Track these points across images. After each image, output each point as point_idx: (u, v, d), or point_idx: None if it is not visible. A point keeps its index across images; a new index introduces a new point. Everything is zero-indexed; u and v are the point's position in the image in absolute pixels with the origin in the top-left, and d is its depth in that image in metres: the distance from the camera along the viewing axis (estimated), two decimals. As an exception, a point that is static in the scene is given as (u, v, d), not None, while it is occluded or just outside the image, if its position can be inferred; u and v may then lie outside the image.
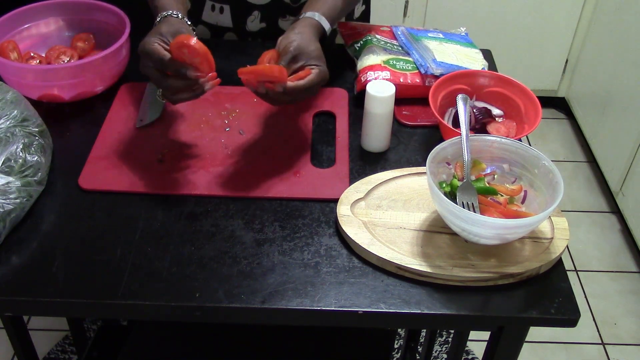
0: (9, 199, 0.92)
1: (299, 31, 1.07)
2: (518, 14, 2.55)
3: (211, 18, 1.34)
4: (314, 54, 1.05)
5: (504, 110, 1.14)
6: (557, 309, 0.86)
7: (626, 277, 2.20)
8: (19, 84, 1.10)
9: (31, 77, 1.11)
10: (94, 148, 1.08)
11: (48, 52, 1.22)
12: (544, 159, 0.92)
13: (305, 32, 1.07)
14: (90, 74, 1.13)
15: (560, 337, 2.00)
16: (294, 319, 0.89)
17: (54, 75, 1.11)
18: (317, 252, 0.93)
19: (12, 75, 1.11)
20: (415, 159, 1.09)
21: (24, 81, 1.11)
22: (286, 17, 1.33)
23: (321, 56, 1.06)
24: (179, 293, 0.87)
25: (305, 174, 1.04)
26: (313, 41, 1.07)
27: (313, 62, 1.04)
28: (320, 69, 1.04)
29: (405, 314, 0.86)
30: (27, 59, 1.19)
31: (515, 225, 0.87)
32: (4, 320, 1.20)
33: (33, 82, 1.11)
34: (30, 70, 1.12)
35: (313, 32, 1.09)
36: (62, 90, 1.12)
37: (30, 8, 1.22)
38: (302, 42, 1.05)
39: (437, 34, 1.29)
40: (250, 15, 1.32)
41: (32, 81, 1.11)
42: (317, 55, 1.05)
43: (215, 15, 1.34)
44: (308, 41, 1.06)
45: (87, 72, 1.12)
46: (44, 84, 1.11)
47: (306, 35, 1.07)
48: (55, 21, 1.24)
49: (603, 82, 2.48)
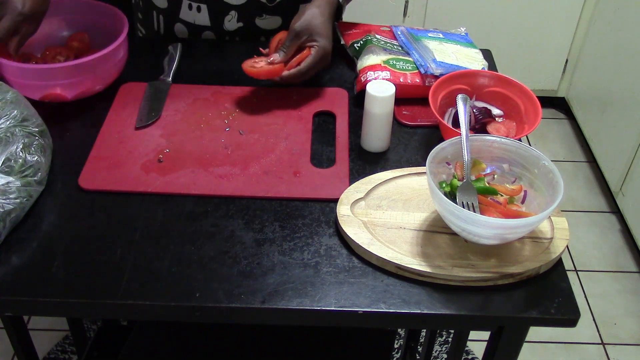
0: (9, 199, 0.92)
1: (310, 8, 1.16)
2: (518, 14, 2.55)
3: (189, 17, 1.34)
4: (317, 29, 1.13)
5: (504, 110, 1.14)
6: (557, 309, 0.86)
7: (626, 277, 2.20)
8: (20, 84, 1.09)
9: (33, 77, 1.10)
10: (94, 148, 1.08)
11: (44, 52, 1.22)
12: (544, 159, 0.92)
13: (315, 8, 1.15)
14: (92, 71, 1.12)
15: (560, 337, 2.00)
16: (294, 319, 0.89)
17: (57, 74, 1.10)
18: (317, 252, 0.93)
19: (13, 76, 1.10)
20: (415, 159, 1.09)
21: (25, 82, 1.10)
22: (263, 16, 1.33)
23: (323, 31, 1.14)
24: (179, 293, 0.87)
25: (305, 174, 1.04)
26: (318, 15, 1.14)
27: (314, 38, 1.13)
28: (318, 46, 1.13)
29: (405, 314, 0.86)
30: (23, 59, 1.18)
31: (515, 225, 0.87)
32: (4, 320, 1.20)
33: (35, 82, 1.10)
34: (32, 70, 1.11)
35: (324, 7, 1.16)
36: (64, 89, 1.12)
37: None
38: (307, 18, 1.13)
39: (437, 34, 1.29)
40: (228, 15, 1.33)
41: (34, 81, 1.10)
42: (319, 31, 1.13)
43: (192, 14, 1.34)
44: (313, 16, 1.13)
45: (89, 69, 1.12)
46: (47, 83, 1.10)
47: (314, 10, 1.14)
48: (48, 21, 1.22)
49: (603, 82, 2.48)
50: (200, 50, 1.32)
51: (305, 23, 1.14)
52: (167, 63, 1.25)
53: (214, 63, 1.29)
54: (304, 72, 1.15)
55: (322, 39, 1.15)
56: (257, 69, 1.15)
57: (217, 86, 1.21)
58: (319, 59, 1.15)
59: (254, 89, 1.21)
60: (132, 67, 1.22)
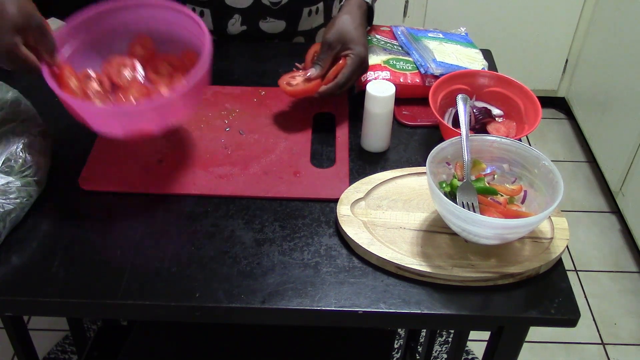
0: (9, 199, 0.92)
1: (340, 16, 1.12)
2: (518, 14, 2.55)
3: None
4: (349, 36, 1.10)
5: (504, 110, 1.14)
6: (557, 309, 0.86)
7: (626, 277, 2.20)
8: (100, 124, 0.95)
9: (117, 117, 0.94)
10: (94, 148, 1.08)
11: (105, 66, 1.06)
12: (544, 159, 0.92)
13: (345, 15, 1.12)
14: (184, 101, 0.96)
15: (560, 337, 2.00)
16: (294, 319, 0.89)
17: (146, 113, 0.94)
18: (317, 252, 0.93)
19: (95, 117, 0.94)
20: (415, 159, 1.09)
21: (109, 122, 0.95)
22: (267, 19, 1.33)
23: (357, 38, 1.10)
24: (178, 293, 0.87)
25: (305, 174, 1.04)
26: (350, 22, 1.11)
27: (349, 46, 1.09)
28: (354, 55, 1.09)
29: (405, 314, 0.86)
30: (85, 80, 1.02)
31: (515, 225, 0.87)
32: (4, 320, 1.20)
33: (120, 124, 0.95)
34: (116, 113, 0.95)
35: (355, 13, 1.13)
36: (148, 124, 0.95)
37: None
38: (338, 26, 1.10)
39: (437, 34, 1.29)
40: (232, 19, 1.32)
41: (119, 124, 0.95)
42: (353, 38, 1.10)
43: None
44: (344, 24, 1.10)
45: (177, 103, 0.95)
46: (133, 120, 0.94)
47: (345, 17, 1.11)
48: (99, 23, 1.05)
49: (603, 82, 2.48)
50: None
51: (337, 32, 1.09)
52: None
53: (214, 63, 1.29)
54: (342, 84, 1.10)
55: (356, 46, 1.10)
56: (294, 88, 1.11)
57: (217, 86, 1.21)
58: (356, 67, 1.10)
59: (254, 89, 1.21)
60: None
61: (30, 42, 0.93)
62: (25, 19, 0.91)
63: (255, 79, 1.24)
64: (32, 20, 0.92)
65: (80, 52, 1.03)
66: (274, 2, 1.30)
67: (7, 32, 0.89)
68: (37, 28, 0.93)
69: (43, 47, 0.94)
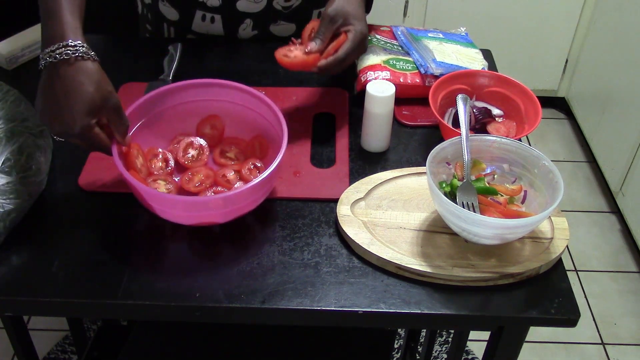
0: (9, 199, 0.92)
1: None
2: (518, 14, 2.55)
3: (201, 28, 1.33)
4: (351, 12, 1.06)
5: (504, 110, 1.14)
6: (557, 309, 0.86)
7: (626, 277, 2.20)
8: (168, 213, 0.92)
9: (182, 209, 0.91)
10: (94, 148, 1.07)
11: (172, 144, 1.05)
12: (544, 159, 0.92)
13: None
14: (251, 196, 0.92)
15: (560, 337, 2.00)
16: (294, 319, 0.89)
17: (213, 205, 0.91)
18: (317, 252, 0.93)
19: (162, 205, 0.91)
20: (415, 159, 1.09)
21: (175, 212, 0.92)
22: (278, 22, 1.33)
23: (358, 14, 1.07)
24: (179, 293, 0.87)
25: (305, 174, 1.04)
26: (351, 1, 1.08)
27: (350, 22, 1.06)
28: (355, 30, 1.06)
29: (405, 314, 0.86)
30: (151, 158, 1.01)
31: (515, 225, 0.87)
32: (4, 320, 1.20)
33: (185, 213, 0.92)
34: (181, 202, 0.91)
35: None
36: (216, 217, 0.93)
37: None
38: (340, 2, 1.07)
39: (437, 34, 1.29)
40: (243, 24, 1.31)
41: (184, 212, 0.92)
42: (354, 14, 1.07)
43: (205, 25, 1.32)
44: (345, 2, 1.07)
45: (248, 195, 0.91)
46: (198, 214, 0.91)
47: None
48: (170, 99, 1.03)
49: (603, 82, 2.48)
50: (200, 50, 1.32)
51: (339, 6, 1.06)
52: (167, 63, 1.25)
53: (214, 63, 1.29)
54: (342, 59, 1.06)
55: (358, 22, 1.06)
56: (291, 59, 1.05)
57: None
58: (357, 43, 1.06)
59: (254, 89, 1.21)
60: (132, 67, 1.22)
61: (103, 120, 0.92)
62: (103, 101, 0.89)
63: (256, 79, 1.24)
64: (109, 102, 0.90)
65: (148, 126, 1.02)
66: (285, 6, 1.30)
67: (83, 113, 0.87)
68: (113, 109, 0.91)
69: (116, 129, 0.93)
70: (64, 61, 0.87)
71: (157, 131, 1.03)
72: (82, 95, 0.87)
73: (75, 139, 0.89)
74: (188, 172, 1.02)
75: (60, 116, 0.87)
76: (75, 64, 0.87)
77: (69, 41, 0.87)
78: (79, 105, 0.86)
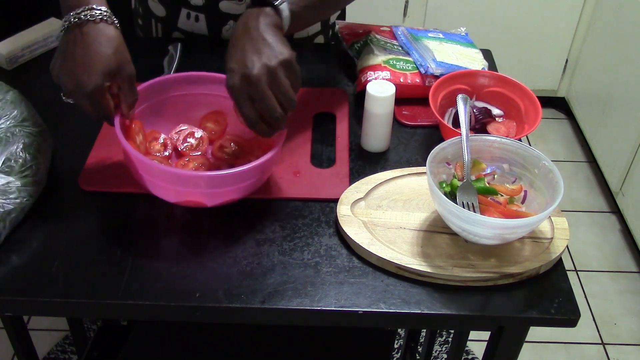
0: (9, 199, 0.92)
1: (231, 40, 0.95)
2: (518, 14, 2.55)
3: (187, 26, 1.33)
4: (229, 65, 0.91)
5: (504, 110, 1.14)
6: (557, 309, 0.86)
7: (626, 277, 2.20)
8: (155, 185, 0.92)
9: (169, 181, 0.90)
10: (94, 148, 1.07)
11: (173, 132, 1.05)
12: (544, 159, 0.92)
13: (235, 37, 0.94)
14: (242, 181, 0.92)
15: (560, 337, 2.00)
16: (294, 319, 0.89)
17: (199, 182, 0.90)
18: (317, 252, 0.93)
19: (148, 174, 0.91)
20: (415, 159, 1.09)
21: (161, 183, 0.91)
22: None
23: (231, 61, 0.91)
24: (179, 293, 0.87)
25: (305, 174, 1.04)
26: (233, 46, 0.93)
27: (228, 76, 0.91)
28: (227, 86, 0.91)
29: (405, 314, 0.86)
30: (151, 140, 1.02)
31: (515, 225, 0.87)
32: (4, 320, 1.20)
33: (172, 186, 0.91)
34: (168, 173, 0.91)
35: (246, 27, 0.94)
36: (204, 197, 0.92)
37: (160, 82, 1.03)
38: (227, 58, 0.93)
39: (437, 34, 1.29)
40: (226, 25, 1.31)
41: (171, 185, 0.91)
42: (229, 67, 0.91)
43: (190, 24, 1.32)
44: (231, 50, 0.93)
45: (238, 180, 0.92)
46: (184, 190, 0.91)
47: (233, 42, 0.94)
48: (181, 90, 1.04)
49: (603, 82, 2.48)
50: (200, 50, 1.32)
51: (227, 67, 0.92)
52: (167, 63, 1.25)
53: (214, 63, 1.29)
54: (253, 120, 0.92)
55: (229, 74, 0.91)
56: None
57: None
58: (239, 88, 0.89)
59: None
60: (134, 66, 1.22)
61: (113, 89, 0.92)
62: (119, 66, 0.90)
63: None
64: (124, 70, 0.91)
65: (154, 110, 1.03)
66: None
67: (98, 72, 0.88)
68: (127, 77, 0.92)
69: (125, 99, 0.93)
70: (89, 21, 0.89)
71: (162, 117, 1.05)
72: (100, 55, 0.89)
73: (85, 100, 0.90)
74: (184, 158, 1.03)
75: (76, 73, 0.89)
76: (99, 24, 0.90)
77: (94, 5, 0.90)
78: (96, 65, 0.88)
